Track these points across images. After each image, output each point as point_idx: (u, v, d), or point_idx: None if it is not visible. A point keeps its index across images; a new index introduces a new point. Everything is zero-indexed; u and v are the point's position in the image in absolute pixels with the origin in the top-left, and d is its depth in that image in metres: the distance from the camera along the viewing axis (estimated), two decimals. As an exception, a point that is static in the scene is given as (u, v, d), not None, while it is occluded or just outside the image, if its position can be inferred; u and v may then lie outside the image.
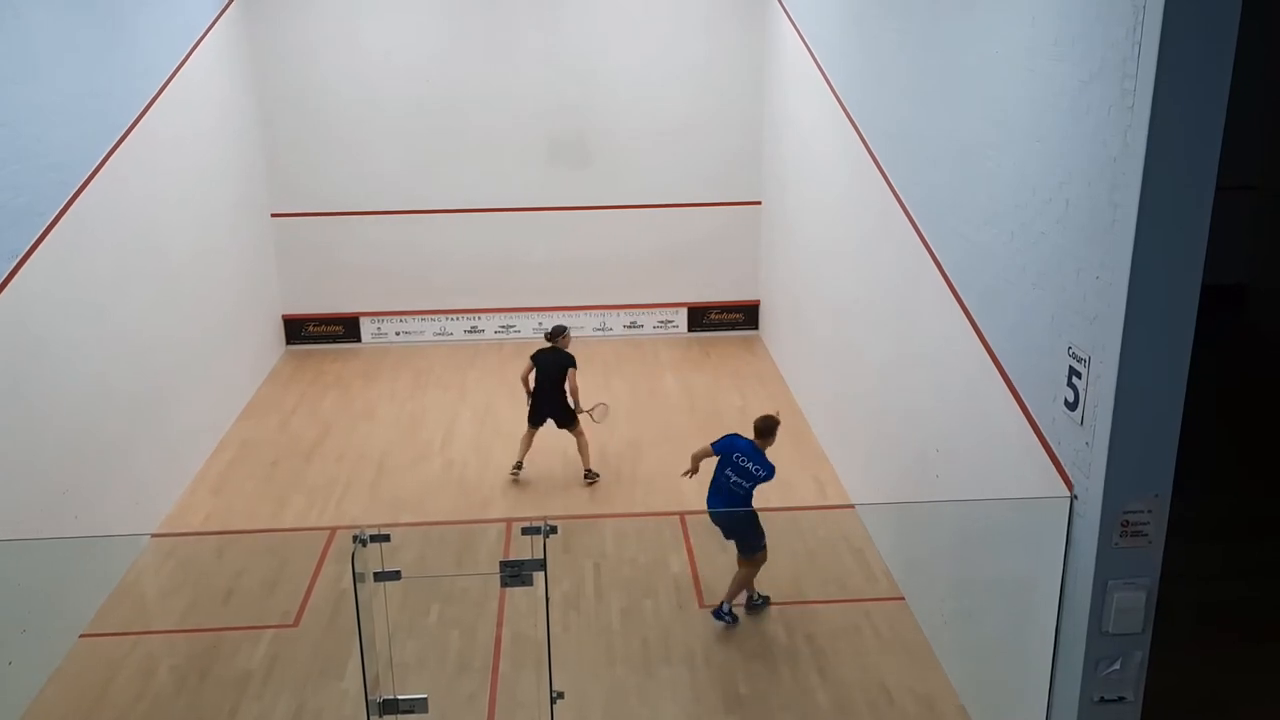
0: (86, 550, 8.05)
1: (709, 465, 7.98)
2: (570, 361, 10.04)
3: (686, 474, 8.13)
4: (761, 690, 7.10)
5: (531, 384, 10.10)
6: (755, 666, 7.33)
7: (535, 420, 10.15)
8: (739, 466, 7.68)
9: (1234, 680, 6.50)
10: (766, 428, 7.79)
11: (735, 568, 7.88)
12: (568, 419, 10.10)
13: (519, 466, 10.14)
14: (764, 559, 7.84)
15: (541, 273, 13.90)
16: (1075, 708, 5.51)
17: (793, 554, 8.68)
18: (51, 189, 7.87)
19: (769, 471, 7.66)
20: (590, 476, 10.12)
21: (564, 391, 10.03)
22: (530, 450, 10.12)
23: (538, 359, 10.09)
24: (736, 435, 7.93)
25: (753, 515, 7.74)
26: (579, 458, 10.17)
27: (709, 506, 7.91)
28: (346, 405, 12.05)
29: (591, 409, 10.17)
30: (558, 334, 10.16)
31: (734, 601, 7.82)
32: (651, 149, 13.49)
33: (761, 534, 7.82)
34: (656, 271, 13.99)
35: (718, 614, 7.80)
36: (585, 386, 12.31)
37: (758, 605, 7.97)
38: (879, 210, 8.53)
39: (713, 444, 7.92)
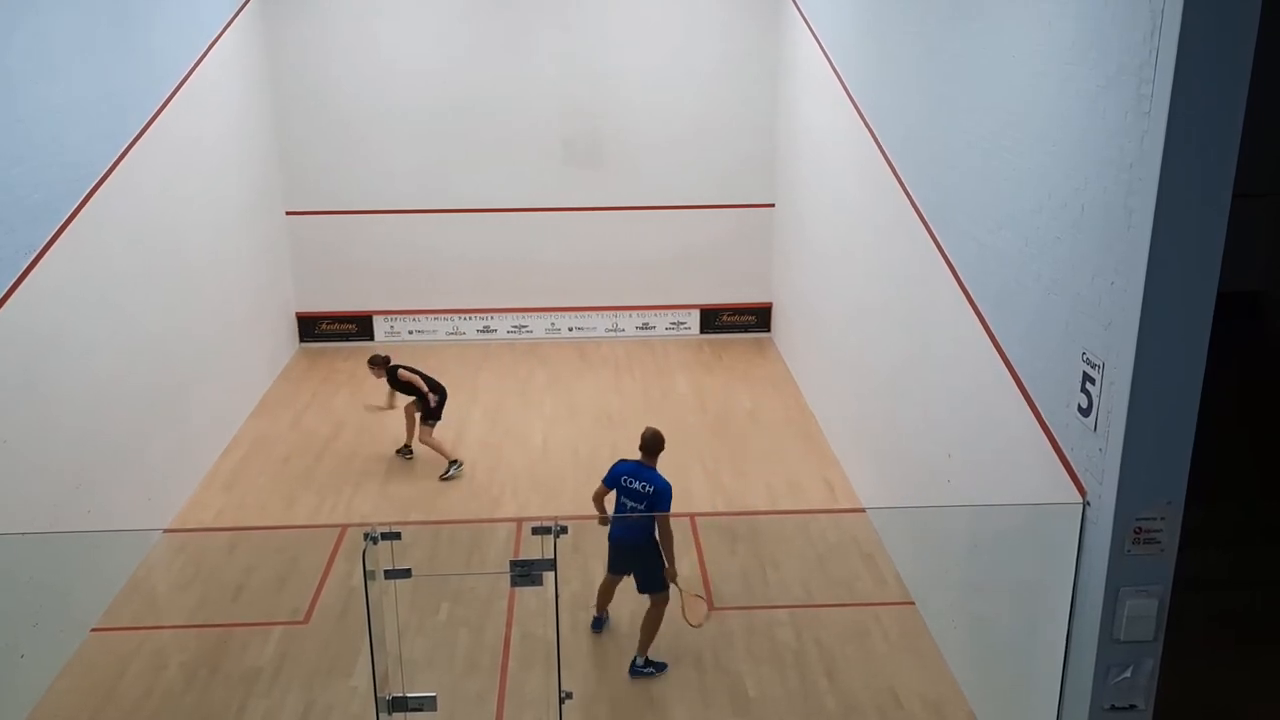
0: (98, 545, 8.09)
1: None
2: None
3: (601, 520, 7.39)
4: (770, 693, 7.08)
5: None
6: (764, 670, 7.31)
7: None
8: (628, 489, 7.16)
9: (1245, 688, 6.46)
10: (647, 444, 7.20)
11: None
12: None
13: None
14: (666, 601, 7.18)
15: (554, 273, 13.91)
16: (1086, 715, 5.48)
17: (803, 557, 8.67)
18: (67, 186, 7.91)
19: (659, 485, 7.06)
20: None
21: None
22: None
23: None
24: (621, 460, 7.36)
25: (654, 548, 7.10)
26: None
27: (609, 537, 7.35)
28: (358, 403, 12.08)
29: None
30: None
31: (648, 653, 7.24)
32: (665, 151, 13.48)
33: (662, 573, 7.14)
34: (669, 273, 13.99)
35: (634, 670, 7.20)
36: (594, 389, 12.35)
37: (646, 672, 7.20)
38: (892, 213, 8.50)
39: (603, 480, 7.31)
